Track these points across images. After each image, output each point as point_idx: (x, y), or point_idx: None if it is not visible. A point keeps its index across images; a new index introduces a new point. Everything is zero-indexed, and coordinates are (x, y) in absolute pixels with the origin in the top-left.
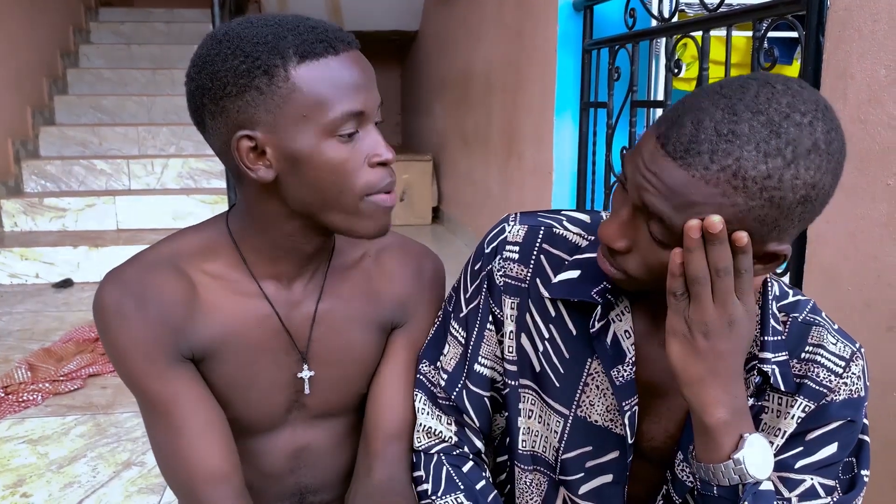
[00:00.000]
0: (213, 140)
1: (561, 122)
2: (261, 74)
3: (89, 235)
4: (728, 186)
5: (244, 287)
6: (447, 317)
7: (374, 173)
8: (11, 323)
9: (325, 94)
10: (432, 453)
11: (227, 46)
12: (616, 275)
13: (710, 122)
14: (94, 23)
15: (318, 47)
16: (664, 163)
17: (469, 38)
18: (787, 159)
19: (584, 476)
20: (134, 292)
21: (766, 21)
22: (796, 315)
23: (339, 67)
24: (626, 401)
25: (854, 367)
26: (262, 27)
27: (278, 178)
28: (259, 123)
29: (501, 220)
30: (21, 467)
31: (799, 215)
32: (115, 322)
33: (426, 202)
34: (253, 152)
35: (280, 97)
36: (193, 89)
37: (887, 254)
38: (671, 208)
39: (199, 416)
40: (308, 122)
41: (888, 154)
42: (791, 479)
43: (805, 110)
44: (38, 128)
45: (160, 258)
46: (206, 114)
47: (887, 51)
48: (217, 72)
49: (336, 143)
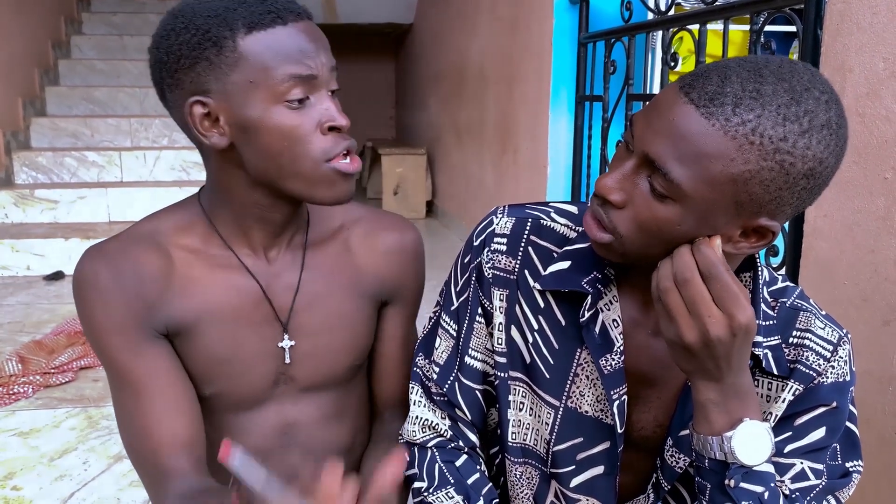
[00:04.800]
0: (174, 113)
1: (556, 116)
2: (210, 46)
3: (81, 227)
4: (745, 141)
5: (223, 260)
6: (440, 310)
7: (328, 139)
8: (2, 315)
9: (271, 60)
10: (427, 448)
11: (181, 21)
12: (603, 238)
13: (737, 78)
14: (86, 13)
15: (265, 18)
16: (685, 109)
17: (464, 31)
18: (803, 127)
19: (576, 469)
20: (111, 265)
21: (763, 14)
22: (784, 300)
23: (285, 36)
24: (614, 389)
25: (841, 352)
26: (216, 1)
27: (235, 147)
28: (211, 91)
29: (490, 212)
30: (12, 460)
31: (800, 190)
32: (91, 294)
33: (420, 196)
34: (207, 119)
35: (228, 66)
36: (153, 64)
37: (884, 247)
38: (678, 158)
39: (168, 391)
40: (256, 89)
41: (886, 147)
42: (781, 463)
43: (823, 89)
44: (29, 119)
45: (140, 234)
46: (165, 87)
47: (886, 44)
48: (171, 46)
49: (285, 109)
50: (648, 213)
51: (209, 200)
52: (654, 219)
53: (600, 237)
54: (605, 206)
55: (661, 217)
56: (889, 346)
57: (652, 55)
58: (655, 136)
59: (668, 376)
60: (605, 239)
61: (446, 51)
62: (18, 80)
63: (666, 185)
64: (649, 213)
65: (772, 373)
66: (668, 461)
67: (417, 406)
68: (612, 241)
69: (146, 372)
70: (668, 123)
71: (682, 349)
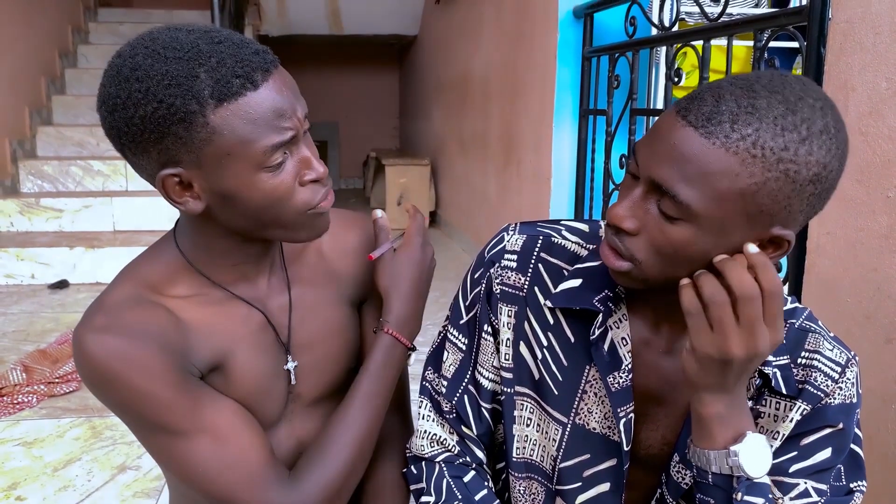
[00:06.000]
0: (142, 173)
1: (560, 129)
2: (177, 122)
3: (86, 236)
4: (747, 155)
5: (215, 297)
6: (448, 324)
7: (308, 191)
8: (7, 324)
9: (248, 132)
10: (435, 462)
11: (137, 89)
12: (622, 266)
13: (731, 96)
14: (93, 23)
15: (234, 84)
16: (684, 132)
17: (468, 44)
18: (801, 135)
19: (582, 486)
20: (124, 333)
21: (767, 31)
22: (793, 321)
23: (259, 102)
24: (621, 407)
25: (849, 373)
26: (171, 62)
27: (209, 208)
28: (182, 162)
29: (501, 229)
30: (15, 470)
31: (808, 196)
32: (120, 366)
33: (423, 206)
34: (179, 185)
35: (200, 140)
36: (108, 129)
37: (887, 265)
38: (685, 179)
39: (241, 421)
40: (234, 160)
41: (889, 166)
42: (785, 482)
43: (816, 97)
44: (35, 128)
45: (127, 297)
46: (127, 152)
47: (888, 64)
48: (131, 118)
49: (264, 174)
50: (662, 237)
51: (190, 245)
52: (669, 241)
53: (619, 266)
54: (619, 235)
55: (676, 239)
56: (892, 364)
57: (656, 70)
58: (660, 161)
59: (677, 395)
60: (625, 267)
61: (451, 62)
62: (25, 89)
63: (675, 207)
64: (663, 236)
65: (780, 392)
66: (675, 477)
67: (426, 420)
68: (631, 269)
69: (217, 414)
70: (669, 148)
71: (719, 363)
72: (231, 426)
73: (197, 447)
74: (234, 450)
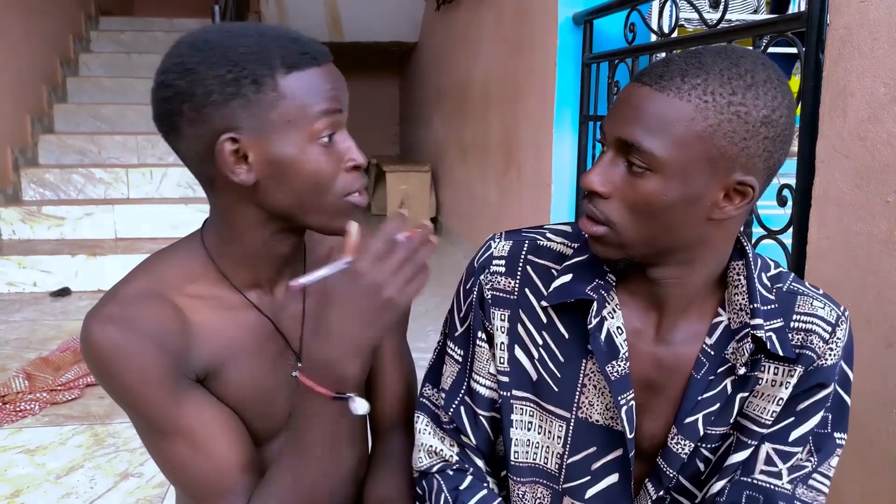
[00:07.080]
0: (187, 145)
1: (560, 135)
2: (249, 84)
3: (87, 244)
4: (699, 101)
5: (230, 301)
6: (444, 339)
7: (350, 176)
8: (9, 332)
9: (310, 101)
10: (433, 477)
11: (210, 55)
12: (599, 231)
13: (679, 58)
14: (95, 31)
15: (303, 59)
16: (640, 91)
17: (468, 50)
18: (747, 83)
19: (591, 479)
20: (128, 328)
21: (765, 37)
22: (780, 286)
23: (321, 76)
24: (621, 395)
25: (839, 332)
26: (243, 37)
27: (258, 183)
28: (244, 129)
29: (487, 239)
30: (18, 477)
31: (763, 139)
32: (118, 359)
33: (424, 212)
34: (234, 156)
35: (266, 104)
36: (171, 95)
37: (887, 270)
38: (646, 130)
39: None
40: (293, 128)
41: (888, 171)
42: (785, 451)
43: (757, 55)
44: (37, 136)
45: (140, 291)
46: (183, 121)
47: (887, 69)
48: (203, 79)
49: (318, 147)
50: (633, 193)
51: (215, 239)
52: (640, 196)
53: (595, 230)
54: (594, 201)
55: (646, 191)
56: (892, 369)
57: None
58: (623, 121)
59: (672, 381)
60: (600, 231)
61: (451, 69)
62: (27, 97)
63: (641, 157)
64: (633, 191)
65: (777, 356)
66: (674, 448)
67: (423, 434)
68: (607, 233)
69: (195, 418)
70: (629, 108)
71: None
72: (206, 433)
73: (173, 447)
74: (204, 456)
